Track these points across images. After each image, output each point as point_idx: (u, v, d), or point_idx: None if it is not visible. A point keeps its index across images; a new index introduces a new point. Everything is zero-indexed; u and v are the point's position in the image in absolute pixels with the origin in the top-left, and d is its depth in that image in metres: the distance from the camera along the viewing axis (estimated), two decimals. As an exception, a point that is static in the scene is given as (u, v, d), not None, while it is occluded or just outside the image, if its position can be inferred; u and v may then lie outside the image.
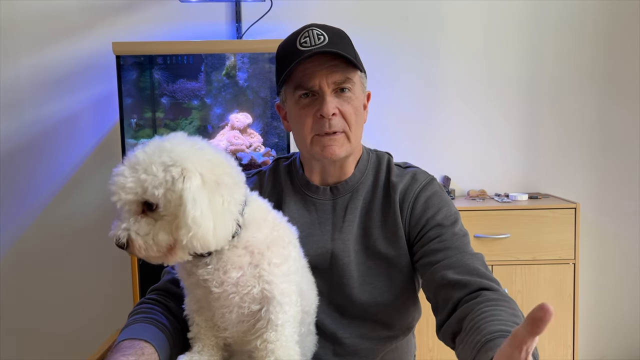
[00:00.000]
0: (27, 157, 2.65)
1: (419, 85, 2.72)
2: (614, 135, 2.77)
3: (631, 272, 2.80)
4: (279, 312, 0.97)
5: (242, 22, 2.61)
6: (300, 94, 1.19)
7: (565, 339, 2.41)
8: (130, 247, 0.94)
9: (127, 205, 0.93)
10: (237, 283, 0.96)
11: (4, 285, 2.69)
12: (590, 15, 2.72)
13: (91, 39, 2.60)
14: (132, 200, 0.92)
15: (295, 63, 1.16)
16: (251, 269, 0.97)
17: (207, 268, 0.97)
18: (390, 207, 1.25)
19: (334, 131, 1.19)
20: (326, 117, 1.17)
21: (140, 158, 0.92)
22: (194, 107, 2.46)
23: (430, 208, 1.23)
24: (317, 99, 1.19)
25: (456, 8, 2.70)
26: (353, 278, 1.24)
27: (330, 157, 1.20)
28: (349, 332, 1.26)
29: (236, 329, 1.00)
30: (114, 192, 0.93)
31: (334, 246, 1.24)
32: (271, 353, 0.95)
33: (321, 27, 1.21)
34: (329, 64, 1.18)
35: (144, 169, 0.91)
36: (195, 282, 0.99)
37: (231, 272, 0.97)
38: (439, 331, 1.18)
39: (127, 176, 0.91)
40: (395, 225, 1.24)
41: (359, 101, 1.23)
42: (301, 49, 1.17)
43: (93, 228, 2.66)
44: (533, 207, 2.43)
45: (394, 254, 1.24)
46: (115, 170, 0.95)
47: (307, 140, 1.20)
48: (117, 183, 0.92)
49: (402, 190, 1.25)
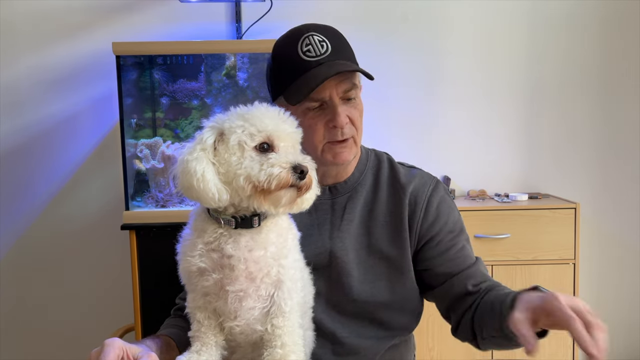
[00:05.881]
0: (27, 157, 2.64)
1: (419, 85, 2.72)
2: (614, 135, 2.76)
3: (631, 272, 2.80)
4: (287, 299, 1.01)
5: (242, 22, 2.61)
6: (310, 106, 1.18)
7: (565, 339, 2.40)
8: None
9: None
10: (258, 261, 0.99)
11: (4, 285, 2.69)
12: (590, 16, 2.72)
13: (91, 39, 2.60)
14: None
15: (316, 85, 1.14)
16: (272, 250, 1.01)
17: (237, 244, 0.99)
18: (397, 207, 1.26)
19: (346, 138, 1.20)
20: (339, 128, 1.18)
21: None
22: (194, 107, 2.46)
23: (441, 215, 1.27)
24: (327, 109, 1.19)
25: (456, 8, 2.70)
26: (352, 276, 1.24)
27: (342, 162, 1.22)
28: (348, 331, 1.26)
29: (247, 315, 1.01)
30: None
31: (332, 245, 1.25)
32: (278, 338, 1.00)
33: (319, 30, 1.20)
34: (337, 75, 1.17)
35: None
36: (217, 261, 1.00)
37: (255, 251, 0.99)
38: (455, 330, 1.26)
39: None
40: (401, 225, 1.25)
41: (361, 103, 1.25)
42: (306, 59, 1.17)
43: (93, 228, 2.66)
44: (533, 207, 2.43)
45: (395, 254, 1.25)
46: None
47: (318, 149, 1.21)
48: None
49: (413, 192, 1.27)
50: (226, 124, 1.00)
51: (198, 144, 0.99)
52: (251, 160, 0.96)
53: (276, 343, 1.00)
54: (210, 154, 0.98)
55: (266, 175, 0.94)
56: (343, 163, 1.23)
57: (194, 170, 0.96)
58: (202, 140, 0.99)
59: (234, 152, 0.97)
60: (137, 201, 2.36)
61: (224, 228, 1.01)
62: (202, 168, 0.96)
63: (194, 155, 0.98)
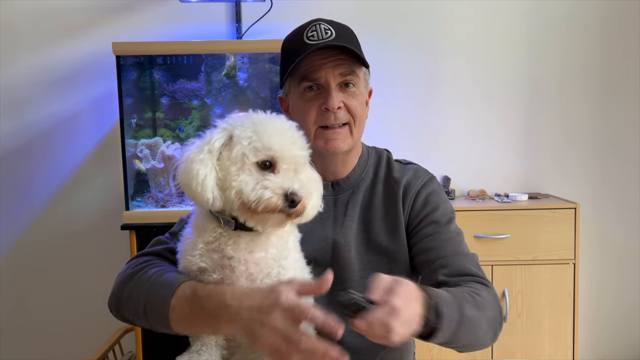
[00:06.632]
0: (27, 157, 2.64)
1: (419, 85, 2.72)
2: (613, 135, 2.76)
3: (631, 272, 2.80)
4: None
5: (242, 22, 2.61)
6: (305, 86, 1.21)
7: (565, 339, 2.41)
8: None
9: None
10: (258, 263, 0.99)
11: (4, 285, 2.69)
12: (590, 16, 2.72)
13: (91, 39, 2.60)
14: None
15: (302, 56, 1.17)
16: (273, 252, 1.01)
17: (237, 245, 0.99)
18: (392, 200, 1.27)
19: (339, 123, 1.21)
20: (331, 111, 1.19)
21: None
22: (194, 107, 2.46)
23: (428, 205, 1.26)
24: (322, 93, 1.21)
25: (456, 8, 2.70)
26: (353, 272, 1.25)
27: (333, 150, 1.22)
28: (348, 330, 1.25)
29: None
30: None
31: (335, 239, 1.26)
32: None
33: (328, 22, 1.23)
34: (335, 57, 1.20)
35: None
36: (218, 261, 0.99)
37: (256, 253, 0.99)
38: None
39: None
40: (396, 217, 1.26)
41: (362, 97, 1.26)
42: (308, 42, 1.19)
43: (93, 228, 2.66)
44: (533, 207, 2.43)
45: (394, 248, 1.26)
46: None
47: (311, 133, 1.21)
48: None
49: (405, 184, 1.28)
50: (237, 130, 0.98)
51: (206, 145, 0.98)
52: (248, 175, 0.95)
53: None
54: (215, 157, 0.97)
55: (257, 196, 0.93)
56: (335, 151, 1.22)
57: (196, 173, 0.95)
58: (210, 142, 0.98)
59: (235, 162, 0.96)
60: (137, 201, 2.36)
61: (224, 228, 1.01)
62: (205, 173, 0.95)
63: (200, 156, 0.96)
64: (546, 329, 2.41)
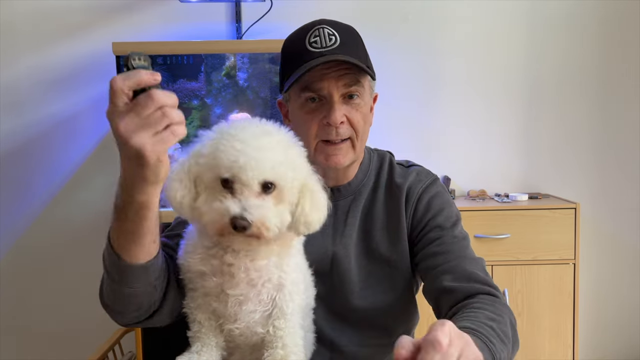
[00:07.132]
0: (27, 157, 2.64)
1: (419, 85, 2.72)
2: (613, 135, 2.77)
3: (631, 272, 2.80)
4: (289, 301, 1.00)
5: (242, 22, 2.61)
6: (307, 97, 1.15)
7: (565, 339, 2.41)
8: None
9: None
10: (259, 269, 0.98)
11: (3, 285, 2.69)
12: (589, 16, 2.72)
13: (91, 39, 2.60)
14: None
15: (304, 71, 1.11)
16: (274, 259, 0.99)
17: (236, 253, 0.97)
18: (394, 207, 1.23)
19: (340, 138, 1.15)
20: (333, 125, 1.14)
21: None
22: (194, 107, 2.46)
23: (431, 209, 1.22)
24: (325, 105, 1.15)
25: (456, 8, 2.70)
26: (353, 283, 1.21)
27: (334, 166, 1.17)
28: (348, 339, 1.23)
29: (247, 319, 1.00)
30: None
31: (335, 250, 1.22)
32: (279, 339, 0.99)
33: (332, 24, 1.17)
34: (339, 67, 1.14)
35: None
36: (218, 267, 0.98)
37: (258, 260, 0.98)
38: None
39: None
40: (398, 225, 1.22)
41: (367, 107, 1.21)
42: (311, 49, 1.14)
43: (93, 228, 2.66)
44: (533, 207, 2.43)
45: (395, 257, 1.22)
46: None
47: (311, 146, 1.15)
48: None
49: (407, 189, 1.23)
50: (207, 144, 0.94)
51: (191, 159, 0.95)
52: (209, 194, 0.92)
53: (277, 344, 0.99)
54: (193, 175, 0.95)
55: (208, 217, 0.91)
56: (335, 167, 1.17)
57: (174, 195, 0.94)
58: (190, 157, 0.96)
59: (201, 180, 0.94)
60: (137, 201, 2.36)
61: None
62: (182, 194, 0.94)
63: (180, 175, 0.95)
64: (546, 329, 2.41)
